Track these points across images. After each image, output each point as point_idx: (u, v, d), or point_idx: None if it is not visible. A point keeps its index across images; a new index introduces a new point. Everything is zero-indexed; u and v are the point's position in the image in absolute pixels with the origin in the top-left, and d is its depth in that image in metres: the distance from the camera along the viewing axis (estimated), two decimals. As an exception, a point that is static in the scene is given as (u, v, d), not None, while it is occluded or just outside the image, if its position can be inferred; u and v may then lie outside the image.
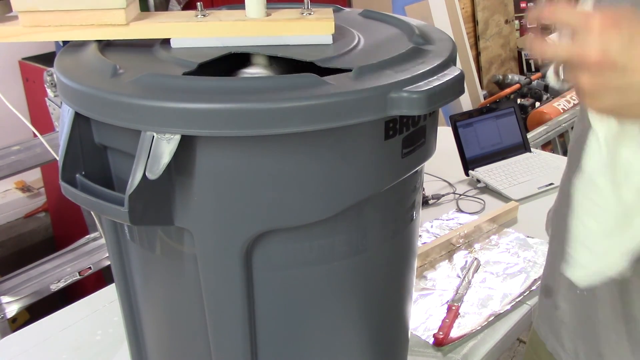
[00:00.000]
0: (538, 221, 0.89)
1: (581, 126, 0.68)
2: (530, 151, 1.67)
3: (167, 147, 0.55)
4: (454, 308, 1.06)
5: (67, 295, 1.65)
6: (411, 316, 0.86)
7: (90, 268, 1.65)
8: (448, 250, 1.26)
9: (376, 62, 0.61)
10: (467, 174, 1.57)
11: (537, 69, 3.57)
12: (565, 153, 2.53)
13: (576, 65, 0.51)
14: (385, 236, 0.71)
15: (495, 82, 3.45)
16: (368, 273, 0.71)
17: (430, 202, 1.47)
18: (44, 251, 1.85)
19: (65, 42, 0.71)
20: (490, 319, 1.05)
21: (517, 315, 1.07)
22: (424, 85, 0.58)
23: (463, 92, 0.64)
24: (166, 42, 0.71)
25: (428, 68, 0.62)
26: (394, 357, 0.86)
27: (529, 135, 2.44)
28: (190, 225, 0.62)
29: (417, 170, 0.71)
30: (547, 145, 2.75)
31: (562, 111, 2.77)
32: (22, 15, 0.68)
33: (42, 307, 1.39)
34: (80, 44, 0.71)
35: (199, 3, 0.71)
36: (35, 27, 0.68)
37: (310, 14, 0.72)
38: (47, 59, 2.34)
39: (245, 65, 0.72)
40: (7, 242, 2.57)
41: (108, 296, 1.15)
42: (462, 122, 1.58)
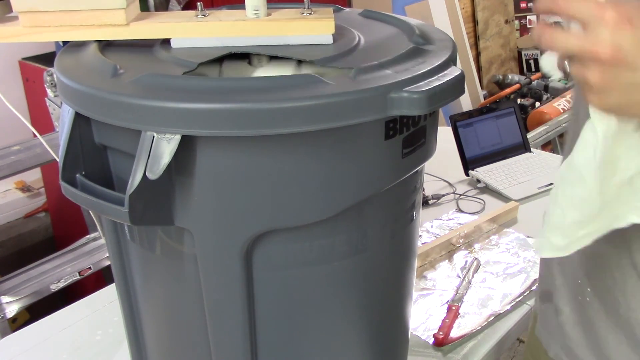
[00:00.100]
0: (538, 221, 0.88)
1: (574, 127, 0.67)
2: (530, 151, 1.67)
3: (167, 147, 0.55)
4: (454, 308, 1.06)
5: (67, 295, 1.65)
6: (411, 316, 0.86)
7: (90, 268, 1.65)
8: (448, 250, 1.26)
9: (376, 62, 0.61)
10: (467, 174, 1.57)
11: (537, 69, 3.57)
12: (565, 153, 2.52)
13: (586, 60, 0.50)
14: (385, 236, 0.71)
15: (495, 82, 3.44)
16: (368, 273, 0.71)
17: (430, 202, 1.47)
18: (44, 251, 1.85)
19: (65, 42, 0.71)
20: (490, 319, 1.05)
21: (517, 315, 1.07)
22: (424, 86, 0.58)
23: (463, 92, 0.64)
24: (166, 42, 0.71)
25: (428, 68, 0.62)
26: (394, 357, 0.86)
27: (529, 135, 2.44)
28: (191, 225, 0.62)
29: (417, 171, 0.71)
30: (547, 145, 2.75)
31: (562, 111, 2.77)
32: (22, 16, 0.68)
33: (42, 307, 1.39)
34: (80, 44, 0.71)
35: (199, 3, 0.71)
36: (36, 28, 0.68)
37: (310, 13, 0.72)
38: (47, 59, 2.34)
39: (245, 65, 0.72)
40: (7, 242, 2.57)
41: (108, 296, 1.15)
42: (462, 122, 1.58)
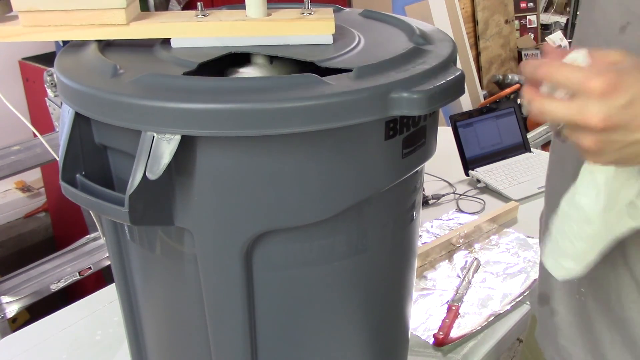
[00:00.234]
0: (538, 221, 0.89)
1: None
2: (530, 151, 1.67)
3: (167, 147, 0.55)
4: (454, 308, 1.06)
5: (67, 295, 1.65)
6: (411, 316, 0.86)
7: (90, 268, 1.65)
8: (448, 250, 1.26)
9: (376, 62, 0.61)
10: (467, 174, 1.57)
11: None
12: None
13: (576, 127, 0.50)
14: (385, 236, 0.71)
15: (495, 82, 3.45)
16: (368, 273, 0.71)
17: (430, 202, 1.47)
18: (44, 251, 1.85)
19: (65, 42, 0.71)
20: (490, 319, 1.05)
21: (517, 315, 1.07)
22: (425, 86, 0.58)
23: (463, 92, 0.64)
24: (166, 42, 0.71)
25: (428, 68, 0.62)
26: (394, 357, 0.86)
27: (529, 135, 2.44)
28: (191, 225, 0.62)
29: (417, 171, 0.71)
30: (547, 145, 2.75)
31: (562, 111, 2.76)
32: (22, 15, 0.68)
33: (42, 307, 1.39)
34: (81, 44, 0.71)
35: (199, 3, 0.71)
36: (35, 27, 0.68)
37: (310, 14, 0.72)
38: (47, 59, 2.34)
39: (245, 65, 0.72)
40: (7, 242, 2.57)
41: (108, 296, 1.15)
42: (462, 122, 1.58)
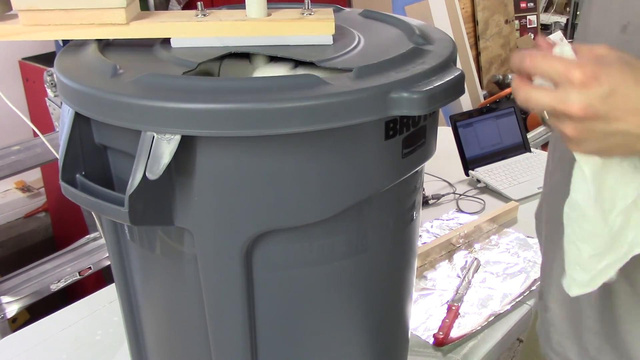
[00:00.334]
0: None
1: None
2: (530, 151, 1.67)
3: (167, 147, 0.55)
4: (454, 308, 1.06)
5: (67, 295, 1.65)
6: (411, 316, 0.86)
7: (90, 268, 1.65)
8: (448, 250, 1.25)
9: (376, 62, 0.61)
10: (467, 174, 1.57)
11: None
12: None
13: (559, 115, 0.52)
14: (386, 236, 0.71)
15: (495, 82, 3.44)
16: (368, 273, 0.71)
17: (430, 202, 1.47)
18: (44, 251, 1.85)
19: (65, 41, 0.71)
20: (490, 319, 1.05)
21: (517, 315, 1.07)
22: (424, 86, 0.58)
23: (463, 92, 0.64)
24: (166, 41, 0.71)
25: (428, 68, 0.62)
26: (394, 357, 0.86)
27: (529, 135, 2.43)
28: (190, 225, 0.62)
29: (417, 171, 0.71)
30: (547, 145, 2.75)
31: (562, 111, 2.76)
32: (22, 14, 0.68)
33: (42, 307, 1.39)
34: (80, 44, 0.71)
35: (199, 3, 0.71)
36: (35, 26, 0.68)
37: (310, 14, 0.72)
38: (47, 59, 2.34)
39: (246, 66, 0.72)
40: (7, 242, 2.57)
41: (108, 296, 1.15)
42: (462, 122, 1.58)
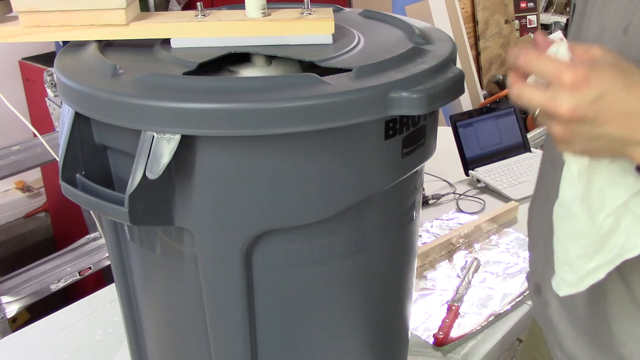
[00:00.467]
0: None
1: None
2: (530, 151, 1.67)
3: (167, 147, 0.55)
4: (454, 308, 1.06)
5: (67, 295, 1.65)
6: (411, 316, 0.86)
7: (90, 268, 1.65)
8: (448, 250, 1.25)
9: (376, 62, 0.61)
10: (467, 174, 1.57)
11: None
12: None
13: (548, 115, 0.53)
14: (385, 236, 0.71)
15: (495, 82, 3.44)
16: (368, 273, 0.71)
17: (430, 202, 1.47)
18: (44, 251, 1.85)
19: (65, 42, 0.71)
20: (490, 319, 1.05)
21: (517, 315, 1.07)
22: (424, 85, 0.58)
23: (463, 92, 0.64)
24: (166, 42, 0.71)
25: (428, 68, 0.62)
26: (394, 357, 0.86)
27: (529, 135, 2.43)
28: (190, 225, 0.62)
29: (417, 170, 0.71)
30: (547, 145, 2.74)
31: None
32: (22, 16, 0.68)
33: (42, 307, 1.39)
34: (80, 44, 0.71)
35: (199, 3, 0.71)
36: (35, 27, 0.68)
37: (310, 13, 0.72)
38: (47, 59, 2.34)
39: (245, 65, 0.72)
40: (7, 242, 2.57)
41: (108, 296, 1.15)
42: (462, 122, 1.58)
